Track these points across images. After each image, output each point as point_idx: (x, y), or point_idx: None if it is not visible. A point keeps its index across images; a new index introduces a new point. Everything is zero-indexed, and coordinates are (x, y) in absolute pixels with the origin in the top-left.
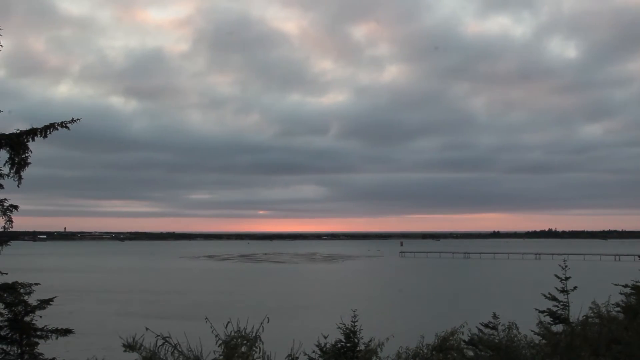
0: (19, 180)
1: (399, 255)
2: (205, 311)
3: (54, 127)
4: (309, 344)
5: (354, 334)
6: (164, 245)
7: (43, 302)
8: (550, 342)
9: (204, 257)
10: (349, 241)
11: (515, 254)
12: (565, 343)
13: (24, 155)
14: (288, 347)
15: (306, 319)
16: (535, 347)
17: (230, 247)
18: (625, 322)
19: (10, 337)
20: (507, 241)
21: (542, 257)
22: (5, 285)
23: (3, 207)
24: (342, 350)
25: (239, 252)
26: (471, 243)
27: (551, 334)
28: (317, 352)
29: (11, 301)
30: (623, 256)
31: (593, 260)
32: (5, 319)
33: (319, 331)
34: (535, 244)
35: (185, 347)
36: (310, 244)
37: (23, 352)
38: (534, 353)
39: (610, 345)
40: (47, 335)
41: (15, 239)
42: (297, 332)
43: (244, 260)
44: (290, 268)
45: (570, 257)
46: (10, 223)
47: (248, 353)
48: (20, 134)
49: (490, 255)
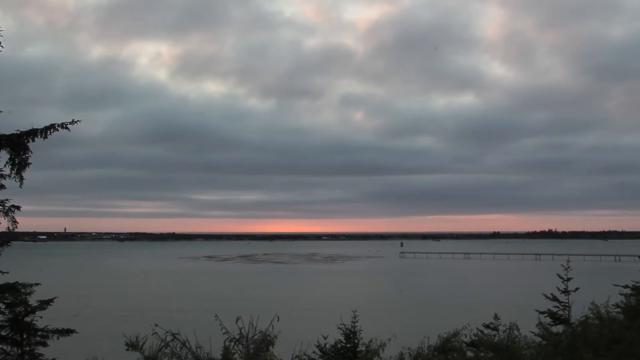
0: (21, 181)
1: (399, 256)
2: (204, 311)
3: (54, 127)
4: (309, 344)
5: (354, 335)
6: (165, 246)
7: (44, 302)
8: (551, 343)
9: (203, 258)
10: (349, 242)
11: (515, 255)
12: (566, 343)
13: (25, 155)
14: (291, 348)
15: (306, 319)
16: (535, 347)
17: (230, 247)
18: (626, 323)
19: (10, 338)
20: (507, 241)
21: (542, 257)
22: (6, 286)
23: (5, 208)
24: (342, 350)
25: (239, 253)
26: (471, 243)
27: (551, 334)
28: (317, 352)
29: (12, 301)
30: (623, 257)
31: (593, 260)
32: (6, 319)
33: (319, 331)
34: (535, 245)
35: (194, 344)
36: (311, 245)
37: (23, 353)
38: (534, 354)
39: (610, 345)
40: (47, 336)
41: (15, 240)
42: (296, 332)
43: (244, 260)
44: (290, 268)
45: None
46: (14, 224)
47: (266, 354)
48: (20, 135)
49: (490, 255)
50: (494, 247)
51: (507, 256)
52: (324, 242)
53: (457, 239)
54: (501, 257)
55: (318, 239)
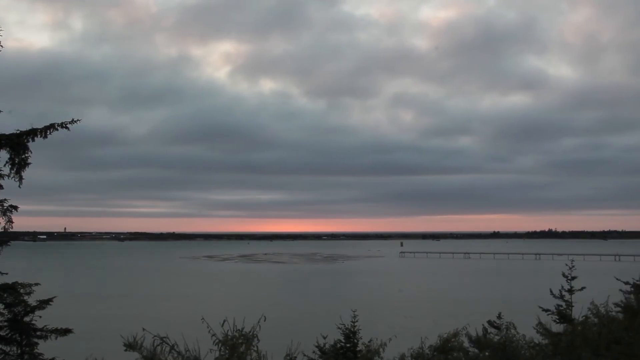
0: (20, 180)
1: (399, 256)
2: (203, 311)
3: (54, 127)
4: (309, 344)
5: (354, 335)
6: (165, 246)
7: (43, 302)
8: (551, 342)
9: (203, 258)
10: (349, 241)
11: (515, 254)
12: (566, 343)
13: (24, 155)
14: (287, 347)
15: (305, 319)
16: (535, 347)
17: (230, 247)
18: (625, 322)
19: (10, 337)
20: (507, 241)
21: (542, 257)
22: (5, 286)
23: (3, 208)
24: (342, 350)
25: (239, 253)
26: (471, 243)
27: (551, 334)
28: (316, 352)
29: (11, 301)
30: (623, 256)
31: (593, 260)
32: (5, 319)
33: (319, 331)
34: (535, 244)
35: (183, 347)
36: (311, 244)
37: (23, 352)
38: (534, 353)
39: (610, 345)
40: (46, 335)
41: (15, 239)
42: (296, 332)
43: (244, 260)
44: (290, 268)
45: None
46: (10, 224)
47: (246, 352)
48: (20, 134)
49: (490, 255)
50: (493, 246)
51: (507, 256)
52: (323, 241)
53: (457, 238)
54: (501, 257)
55: (318, 238)
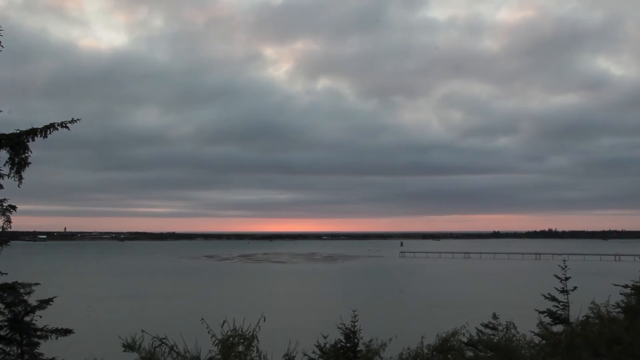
0: (20, 180)
1: (399, 256)
2: (201, 312)
3: (54, 127)
4: (309, 344)
5: (354, 334)
6: (165, 246)
7: (43, 302)
8: (551, 342)
9: (203, 257)
10: (349, 241)
11: (515, 254)
12: (566, 343)
13: (24, 155)
14: (286, 347)
15: (305, 319)
16: (535, 347)
17: (230, 247)
18: (626, 323)
19: (10, 337)
20: (507, 241)
21: (542, 257)
22: (5, 285)
23: (2, 208)
24: (342, 350)
25: (239, 252)
26: (471, 243)
27: (551, 334)
28: (316, 352)
29: (11, 301)
30: (623, 256)
31: (593, 260)
32: (5, 319)
33: (319, 331)
34: (535, 244)
35: (182, 348)
36: (310, 244)
37: (23, 352)
38: (534, 353)
39: (610, 345)
40: (47, 335)
41: (15, 239)
42: (296, 332)
43: (244, 260)
44: (290, 268)
45: (570, 257)
46: (8, 223)
47: (245, 352)
48: (20, 134)
49: (490, 255)
50: (493, 246)
51: (507, 256)
52: (323, 241)
53: (456, 238)
54: (501, 257)
55: (318, 238)
